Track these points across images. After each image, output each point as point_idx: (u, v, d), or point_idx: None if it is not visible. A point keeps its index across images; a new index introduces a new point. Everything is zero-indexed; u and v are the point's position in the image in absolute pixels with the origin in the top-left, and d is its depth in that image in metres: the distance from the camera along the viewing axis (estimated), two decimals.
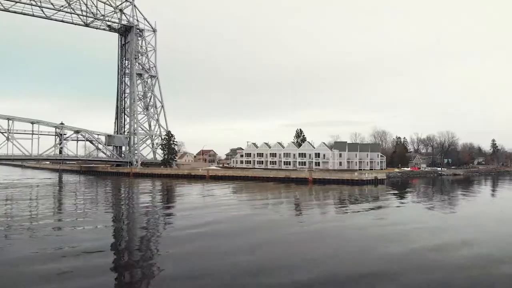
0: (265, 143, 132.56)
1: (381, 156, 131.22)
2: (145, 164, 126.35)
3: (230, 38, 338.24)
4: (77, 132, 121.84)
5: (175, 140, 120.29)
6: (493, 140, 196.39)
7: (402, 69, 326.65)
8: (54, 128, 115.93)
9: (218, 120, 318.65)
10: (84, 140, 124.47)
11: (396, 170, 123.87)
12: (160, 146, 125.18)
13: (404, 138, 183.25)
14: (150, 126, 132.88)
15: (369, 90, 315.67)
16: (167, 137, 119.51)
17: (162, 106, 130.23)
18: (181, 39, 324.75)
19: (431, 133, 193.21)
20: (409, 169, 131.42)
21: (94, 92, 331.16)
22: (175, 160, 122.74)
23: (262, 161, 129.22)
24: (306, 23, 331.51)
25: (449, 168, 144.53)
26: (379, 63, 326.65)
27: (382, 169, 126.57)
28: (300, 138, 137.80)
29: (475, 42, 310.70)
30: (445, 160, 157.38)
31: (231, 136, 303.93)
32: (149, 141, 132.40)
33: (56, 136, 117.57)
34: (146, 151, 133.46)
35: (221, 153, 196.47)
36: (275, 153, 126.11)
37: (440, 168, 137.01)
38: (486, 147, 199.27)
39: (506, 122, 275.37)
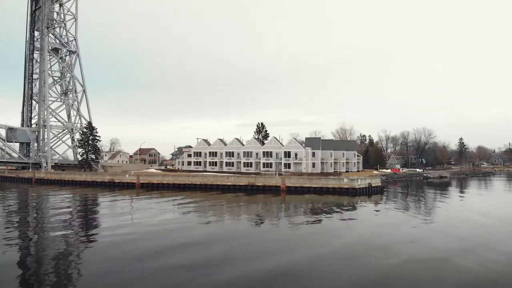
0: (219, 139, 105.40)
1: (357, 155, 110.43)
2: (60, 166, 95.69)
3: (179, 31, 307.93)
4: None
5: (97, 134, 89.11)
6: (461, 139, 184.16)
7: (356, 70, 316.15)
8: None
9: (165, 118, 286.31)
10: None
11: (376, 172, 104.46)
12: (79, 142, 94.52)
13: (370, 136, 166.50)
14: (69, 116, 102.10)
15: (324, 91, 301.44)
16: (86, 131, 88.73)
17: (84, 91, 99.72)
18: (119, 25, 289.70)
19: (405, 130, 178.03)
20: (389, 171, 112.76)
21: None
22: (98, 161, 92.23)
23: (216, 162, 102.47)
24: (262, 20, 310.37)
25: (425, 168, 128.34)
26: (341, 64, 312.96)
27: (359, 170, 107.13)
28: (261, 134, 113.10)
29: (425, 44, 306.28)
30: (419, 160, 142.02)
31: (179, 135, 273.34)
32: (68, 136, 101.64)
33: None
34: (65, 150, 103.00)
35: (166, 153, 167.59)
36: (233, 152, 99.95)
37: (423, 170, 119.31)
38: (451, 147, 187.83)
39: (469, 123, 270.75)
